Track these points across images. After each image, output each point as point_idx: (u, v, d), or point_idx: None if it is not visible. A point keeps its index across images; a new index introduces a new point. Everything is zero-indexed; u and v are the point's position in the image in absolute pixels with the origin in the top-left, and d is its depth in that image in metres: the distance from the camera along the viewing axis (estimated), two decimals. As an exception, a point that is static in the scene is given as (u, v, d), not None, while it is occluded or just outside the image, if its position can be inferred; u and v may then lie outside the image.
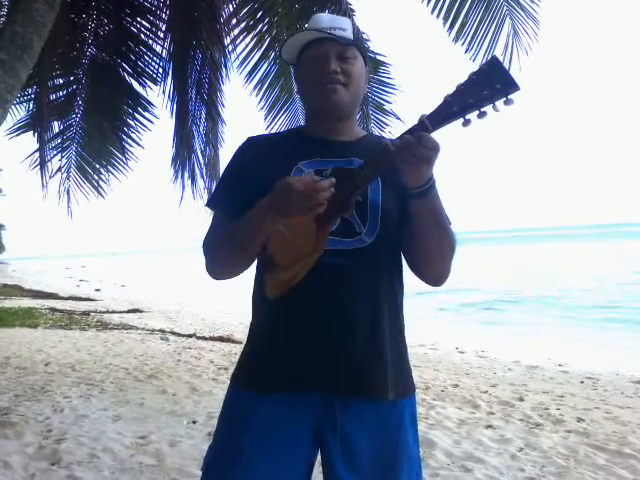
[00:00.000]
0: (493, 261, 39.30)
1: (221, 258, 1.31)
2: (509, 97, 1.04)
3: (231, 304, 14.08)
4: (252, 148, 1.37)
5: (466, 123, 1.07)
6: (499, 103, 1.05)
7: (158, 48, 5.30)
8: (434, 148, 1.08)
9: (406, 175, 1.14)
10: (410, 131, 1.09)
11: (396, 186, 1.21)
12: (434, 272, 1.31)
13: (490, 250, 61.14)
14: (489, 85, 1.04)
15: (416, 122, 1.09)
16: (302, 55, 1.33)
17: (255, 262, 1.31)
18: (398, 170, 1.13)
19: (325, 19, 1.32)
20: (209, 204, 1.39)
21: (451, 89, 1.07)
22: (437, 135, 1.09)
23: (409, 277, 1.38)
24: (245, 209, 1.22)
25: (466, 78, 1.06)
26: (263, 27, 4.78)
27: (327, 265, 1.18)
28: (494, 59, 1.06)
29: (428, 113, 1.08)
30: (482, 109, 1.05)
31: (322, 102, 1.29)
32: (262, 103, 5.22)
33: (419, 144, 1.06)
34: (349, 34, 1.31)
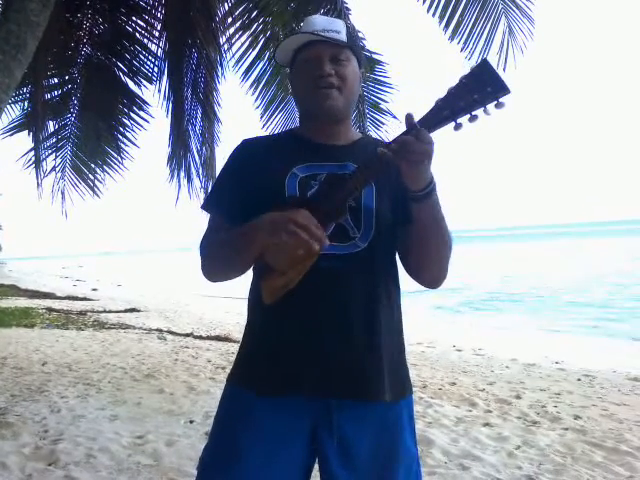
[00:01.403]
0: (490, 259, 39.37)
1: (217, 262, 1.30)
2: (500, 100, 1.04)
3: (228, 303, 14.06)
4: (247, 151, 1.36)
5: (457, 127, 1.07)
6: (490, 106, 1.05)
7: (153, 47, 5.29)
8: (431, 142, 1.08)
9: (407, 176, 1.13)
10: (404, 134, 1.09)
11: (390, 191, 1.22)
12: (432, 274, 1.31)
13: (487, 248, 61.29)
14: (480, 88, 1.04)
15: (408, 127, 1.10)
16: (296, 58, 1.32)
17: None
18: (398, 173, 1.13)
19: (319, 21, 1.31)
20: (205, 207, 1.37)
21: (442, 93, 1.07)
22: None
23: (406, 276, 1.38)
24: (241, 212, 1.21)
25: (457, 82, 1.06)
26: (258, 26, 4.77)
27: (322, 269, 1.18)
28: (485, 62, 1.06)
29: (420, 117, 1.09)
30: (473, 113, 1.06)
31: (316, 106, 1.28)
32: (258, 102, 5.21)
33: (418, 140, 1.06)
34: (343, 36, 1.30)
